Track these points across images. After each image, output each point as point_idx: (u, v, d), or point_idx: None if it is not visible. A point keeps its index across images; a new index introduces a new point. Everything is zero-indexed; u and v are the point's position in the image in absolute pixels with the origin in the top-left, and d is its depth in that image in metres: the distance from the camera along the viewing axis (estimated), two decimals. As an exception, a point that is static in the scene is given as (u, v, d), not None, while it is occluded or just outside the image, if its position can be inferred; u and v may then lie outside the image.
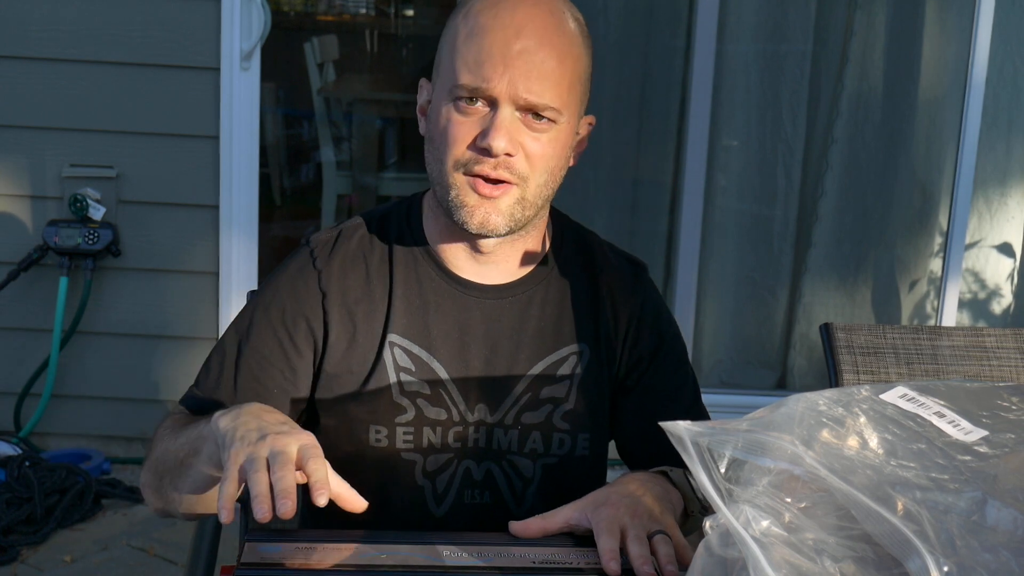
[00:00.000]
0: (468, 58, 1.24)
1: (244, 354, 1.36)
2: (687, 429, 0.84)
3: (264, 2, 3.18)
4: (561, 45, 1.26)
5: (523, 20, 1.24)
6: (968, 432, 0.90)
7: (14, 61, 3.14)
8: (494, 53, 1.23)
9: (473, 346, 1.36)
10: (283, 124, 5.69)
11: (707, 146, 3.40)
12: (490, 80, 1.23)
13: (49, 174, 3.20)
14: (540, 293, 1.39)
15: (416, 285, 1.36)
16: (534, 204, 1.30)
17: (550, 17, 1.26)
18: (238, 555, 1.07)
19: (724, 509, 0.81)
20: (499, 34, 1.24)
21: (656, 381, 1.43)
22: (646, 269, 1.49)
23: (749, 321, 3.59)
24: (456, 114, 1.26)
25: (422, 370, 1.35)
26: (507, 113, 1.24)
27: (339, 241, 1.38)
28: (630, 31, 3.46)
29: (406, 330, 1.35)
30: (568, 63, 1.26)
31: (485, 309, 1.37)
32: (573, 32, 1.28)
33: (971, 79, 3.37)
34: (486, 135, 1.24)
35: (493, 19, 1.24)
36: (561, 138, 1.29)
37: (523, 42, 1.23)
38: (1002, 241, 3.62)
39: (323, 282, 1.35)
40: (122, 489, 3.10)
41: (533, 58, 1.23)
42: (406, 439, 1.34)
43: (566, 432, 1.38)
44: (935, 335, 1.79)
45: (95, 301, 3.24)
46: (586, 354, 1.39)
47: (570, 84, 1.27)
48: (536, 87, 1.24)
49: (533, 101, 1.24)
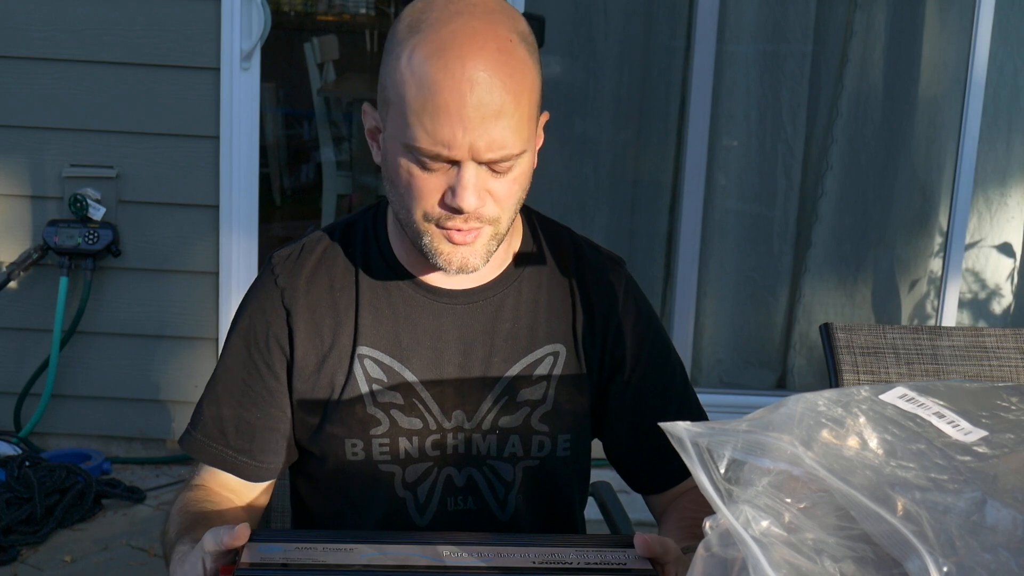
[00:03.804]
0: (423, 118, 1.17)
1: (227, 386, 1.36)
2: (687, 430, 0.84)
3: (264, 2, 3.18)
4: (515, 83, 1.18)
5: (473, 69, 1.16)
6: (968, 432, 0.90)
7: (14, 61, 3.15)
8: (451, 114, 1.16)
9: (445, 352, 1.34)
10: (283, 124, 5.70)
11: (707, 146, 3.40)
12: (450, 147, 1.17)
13: (49, 174, 3.20)
14: (512, 295, 1.37)
15: (384, 294, 1.34)
16: (506, 231, 1.28)
17: (498, 55, 1.17)
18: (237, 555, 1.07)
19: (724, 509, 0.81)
20: (452, 90, 1.15)
21: (644, 380, 1.41)
22: (623, 264, 1.45)
23: (749, 321, 3.59)
24: (418, 170, 1.21)
25: (394, 380, 1.33)
26: (471, 171, 1.19)
27: (302, 255, 1.36)
28: (630, 31, 3.46)
29: (375, 341, 1.33)
30: (524, 98, 1.19)
31: (456, 315, 1.35)
32: (522, 57, 1.20)
33: (971, 79, 3.37)
34: (454, 194, 1.19)
35: (443, 73, 1.16)
36: (526, 166, 1.25)
37: (477, 96, 1.16)
38: (1002, 241, 3.62)
39: (287, 299, 1.34)
40: (122, 489, 3.10)
41: (490, 111, 1.16)
42: (382, 451, 1.33)
43: (545, 434, 1.36)
44: (935, 335, 1.79)
45: (95, 301, 3.24)
46: (563, 354, 1.37)
47: (528, 117, 1.21)
48: (497, 143, 1.18)
49: (496, 157, 1.19)
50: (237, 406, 1.35)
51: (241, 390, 1.35)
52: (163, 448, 3.38)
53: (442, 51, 1.17)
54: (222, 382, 1.37)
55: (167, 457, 3.33)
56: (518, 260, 1.38)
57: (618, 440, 1.44)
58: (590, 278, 1.40)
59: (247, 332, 1.36)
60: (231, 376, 1.36)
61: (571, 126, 3.44)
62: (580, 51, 3.45)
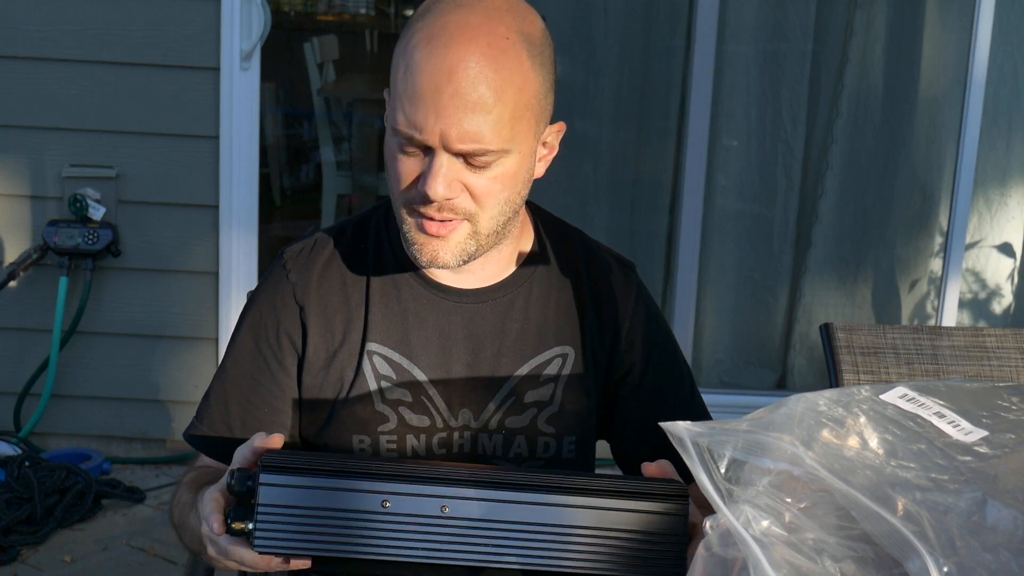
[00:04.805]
0: (404, 101, 1.18)
1: (236, 379, 1.36)
2: (687, 429, 0.84)
3: (264, 2, 3.18)
4: (499, 79, 1.17)
5: (456, 59, 1.16)
6: (968, 432, 0.90)
7: (14, 61, 3.14)
8: (426, 99, 1.17)
9: (454, 351, 1.34)
10: (283, 124, 5.70)
11: (707, 146, 3.40)
12: (422, 131, 1.18)
13: (49, 174, 3.20)
14: (522, 295, 1.37)
15: (394, 292, 1.34)
16: (490, 234, 1.26)
17: (487, 49, 1.17)
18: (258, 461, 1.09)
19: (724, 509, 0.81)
20: (431, 77, 1.16)
21: (654, 385, 1.41)
22: (635, 268, 1.45)
23: (749, 321, 3.60)
24: (398, 153, 1.22)
25: (403, 377, 1.33)
26: (443, 159, 1.19)
27: (314, 251, 1.36)
28: (630, 31, 3.46)
29: (385, 338, 1.33)
30: (509, 95, 1.18)
31: (465, 313, 1.35)
32: (517, 56, 1.19)
33: (971, 78, 3.37)
34: (424, 180, 1.20)
35: (428, 57, 1.17)
36: (511, 169, 1.23)
37: (454, 85, 1.16)
38: (1002, 241, 3.62)
39: (299, 295, 1.34)
40: (122, 489, 3.10)
41: (465, 102, 1.16)
42: (389, 447, 1.33)
43: (551, 435, 1.36)
44: (935, 335, 1.79)
45: (95, 301, 3.24)
46: (571, 356, 1.37)
47: (513, 117, 1.20)
48: (470, 135, 1.17)
49: (467, 149, 1.18)
50: (244, 400, 1.35)
51: (249, 385, 1.35)
52: (163, 448, 3.38)
53: (432, 39, 1.18)
54: (230, 376, 1.37)
55: (167, 457, 3.33)
56: (528, 261, 1.38)
57: (626, 442, 1.44)
58: (601, 281, 1.40)
59: (257, 326, 1.36)
60: (239, 370, 1.36)
61: (571, 126, 3.41)
62: (580, 51, 3.45)
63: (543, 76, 1.25)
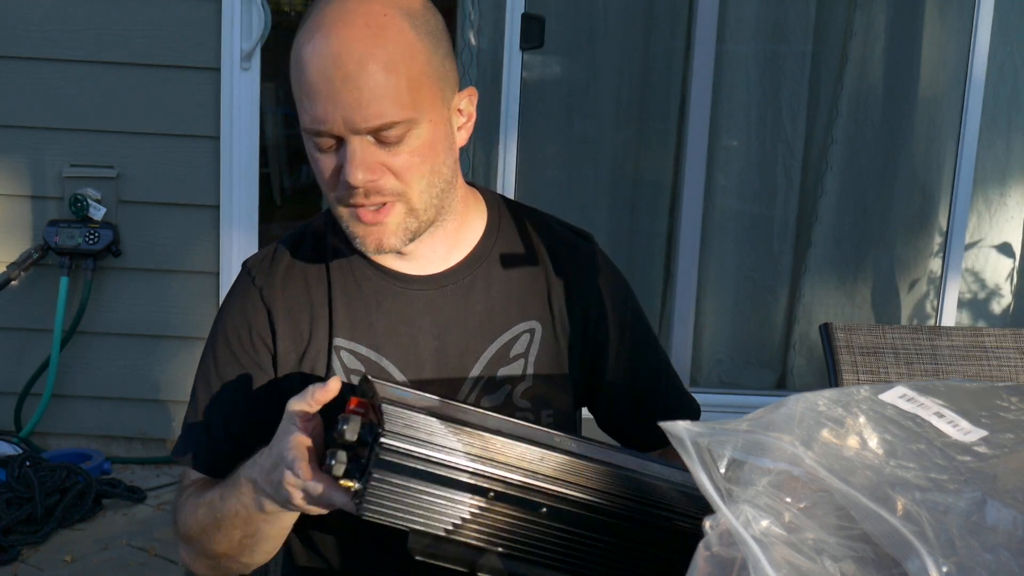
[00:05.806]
0: (304, 99, 1.21)
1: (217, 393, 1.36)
2: (687, 429, 0.84)
3: (264, 2, 3.18)
4: (386, 56, 1.19)
5: (339, 45, 1.18)
6: (967, 432, 0.90)
7: (14, 61, 3.15)
8: (320, 90, 1.19)
9: (421, 339, 1.35)
10: (283, 124, 5.70)
11: (707, 146, 3.40)
12: (324, 121, 1.19)
13: (49, 174, 3.20)
14: (482, 275, 1.38)
15: (355, 286, 1.35)
16: (427, 208, 1.27)
17: (366, 29, 1.19)
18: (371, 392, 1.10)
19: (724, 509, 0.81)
20: (320, 68, 1.19)
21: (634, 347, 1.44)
22: (593, 238, 1.47)
23: (749, 321, 3.60)
24: (316, 153, 1.24)
25: (372, 370, 1.34)
26: (355, 145, 1.20)
27: (275, 257, 1.38)
28: (630, 31, 3.46)
29: (351, 333, 1.34)
30: (401, 68, 1.20)
31: (428, 300, 1.36)
32: (398, 29, 1.21)
33: (971, 78, 3.37)
34: (344, 170, 1.21)
35: (313, 52, 1.19)
36: (427, 138, 1.24)
37: (343, 70, 1.18)
38: (1002, 241, 3.62)
39: (266, 298, 1.35)
40: (122, 489, 3.10)
41: (358, 83, 1.18)
42: None
43: (528, 410, 1.36)
44: (935, 335, 1.79)
45: (95, 301, 3.24)
46: (539, 331, 1.38)
47: (411, 88, 1.21)
48: (372, 111, 1.19)
49: (373, 126, 1.19)
50: (232, 406, 1.35)
51: (231, 399, 1.35)
52: (163, 448, 3.38)
53: (315, 33, 1.20)
54: (213, 390, 1.37)
55: (167, 457, 3.33)
56: (484, 241, 1.39)
57: (616, 408, 1.46)
58: (563, 253, 1.42)
59: (230, 334, 1.36)
60: (221, 383, 1.36)
61: (571, 126, 3.44)
62: (580, 51, 3.46)
63: (432, 44, 1.25)
